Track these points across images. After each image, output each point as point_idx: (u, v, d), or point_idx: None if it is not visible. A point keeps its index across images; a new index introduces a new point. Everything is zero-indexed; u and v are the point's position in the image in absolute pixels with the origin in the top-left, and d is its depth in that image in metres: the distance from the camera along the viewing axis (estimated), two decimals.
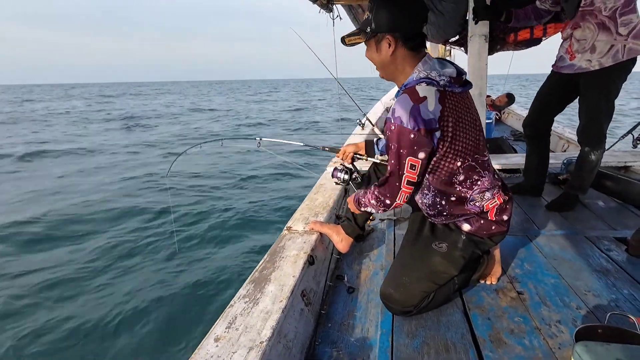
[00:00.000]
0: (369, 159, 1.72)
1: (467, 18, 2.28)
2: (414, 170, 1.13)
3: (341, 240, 1.59)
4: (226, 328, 1.04)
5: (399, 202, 1.23)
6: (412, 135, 1.07)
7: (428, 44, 7.37)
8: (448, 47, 8.05)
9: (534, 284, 1.38)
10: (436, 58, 1.19)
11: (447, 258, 1.25)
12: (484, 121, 2.43)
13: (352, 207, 1.50)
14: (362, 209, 1.41)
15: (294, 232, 1.66)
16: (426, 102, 1.06)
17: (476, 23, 2.13)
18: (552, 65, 2.00)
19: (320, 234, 1.64)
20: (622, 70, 1.75)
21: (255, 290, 1.22)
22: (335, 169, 1.70)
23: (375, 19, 1.13)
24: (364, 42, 1.23)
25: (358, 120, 3.67)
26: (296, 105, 25.00)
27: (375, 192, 1.27)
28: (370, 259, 1.72)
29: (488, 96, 5.19)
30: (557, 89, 2.00)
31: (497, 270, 1.42)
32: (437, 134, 1.10)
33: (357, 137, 3.41)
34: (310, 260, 1.44)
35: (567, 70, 1.88)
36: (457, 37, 2.73)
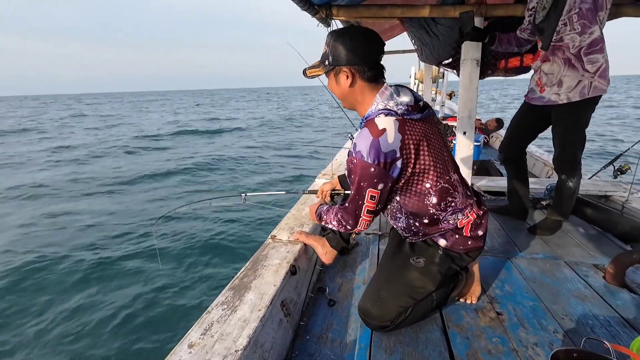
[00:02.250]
0: (345, 192, 1.84)
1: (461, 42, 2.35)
2: (374, 200, 1.18)
3: (326, 253, 1.58)
4: (201, 335, 1.01)
5: (359, 228, 1.27)
6: (372, 169, 1.11)
7: (422, 64, 7.58)
8: (442, 69, 8.26)
9: (513, 306, 1.39)
10: (394, 86, 1.23)
11: (424, 273, 1.25)
12: (472, 142, 2.47)
13: (311, 216, 1.55)
14: (322, 223, 1.46)
15: (278, 241, 1.64)
16: (385, 135, 1.09)
17: (462, 42, 2.20)
18: (525, 96, 2.09)
19: (305, 244, 1.63)
20: (589, 104, 1.82)
21: (234, 297, 1.20)
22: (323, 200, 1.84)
23: (333, 52, 1.16)
24: (324, 74, 1.26)
25: (349, 135, 3.70)
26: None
27: (338, 215, 1.32)
28: (353, 272, 1.71)
29: (478, 119, 5.31)
30: (528, 119, 2.09)
31: (476, 289, 1.43)
32: (399, 163, 1.12)
33: (346, 150, 3.44)
34: (293, 270, 1.43)
35: (538, 102, 1.96)
36: (450, 59, 2.80)
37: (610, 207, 2.39)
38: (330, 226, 1.40)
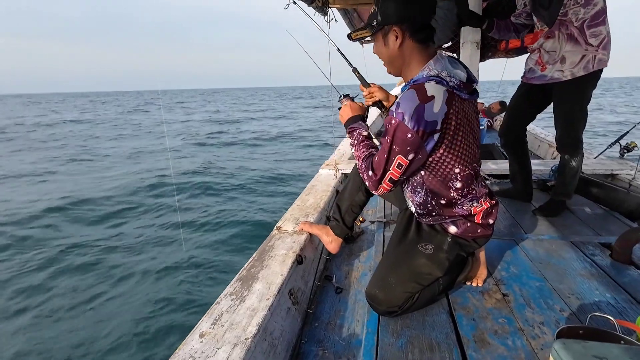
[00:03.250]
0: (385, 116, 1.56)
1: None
2: (400, 169, 1.13)
3: (331, 241, 1.59)
4: (211, 324, 1.04)
5: (377, 192, 1.22)
6: (409, 135, 1.05)
7: None
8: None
9: (519, 287, 1.40)
10: (448, 57, 1.17)
11: (432, 260, 1.25)
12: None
13: (342, 116, 1.40)
14: (348, 137, 1.35)
15: (284, 232, 1.66)
16: (432, 102, 1.03)
17: (459, 28, 2.17)
18: (522, 77, 2.06)
19: (310, 234, 1.64)
20: (593, 78, 1.80)
21: (242, 287, 1.22)
22: (348, 96, 1.49)
23: (382, 11, 1.11)
24: (369, 37, 1.21)
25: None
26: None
27: (364, 165, 1.24)
28: (359, 260, 1.73)
29: (480, 103, 5.26)
30: (527, 100, 2.07)
31: (482, 272, 1.44)
32: (436, 136, 1.07)
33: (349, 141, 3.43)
34: (299, 260, 1.45)
35: (538, 81, 1.93)
36: (450, 43, 2.77)
37: (617, 185, 2.37)
38: (353, 152, 1.32)
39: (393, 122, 1.08)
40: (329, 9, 2.34)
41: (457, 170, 1.15)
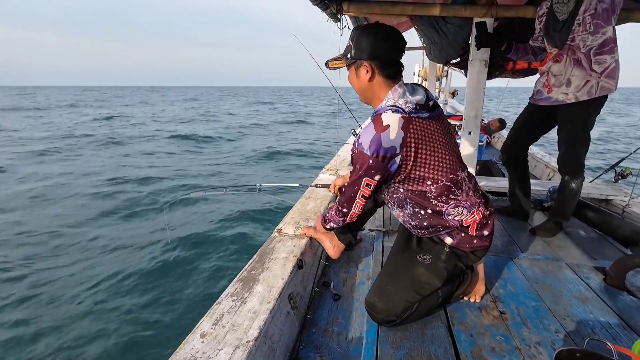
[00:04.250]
0: None
1: (470, 42, 2.35)
2: (369, 187, 1.26)
3: (333, 247, 1.60)
4: (213, 325, 1.03)
5: (354, 211, 1.37)
6: (370, 161, 1.17)
7: (427, 62, 7.55)
8: (446, 68, 8.23)
9: (516, 305, 1.41)
10: (410, 84, 1.28)
11: (430, 269, 1.28)
12: (476, 142, 2.49)
13: (318, 225, 1.61)
14: (327, 225, 1.53)
15: (284, 235, 1.66)
16: (388, 131, 1.14)
17: (478, 49, 2.20)
18: (530, 98, 2.11)
19: (310, 239, 1.64)
20: (596, 104, 1.85)
21: (243, 289, 1.21)
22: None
23: (356, 46, 1.21)
24: (346, 67, 1.31)
25: (352, 130, 3.72)
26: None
27: (337, 203, 1.42)
28: (357, 268, 1.73)
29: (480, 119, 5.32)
30: (533, 120, 2.11)
31: (480, 288, 1.45)
32: (397, 159, 1.18)
33: (350, 146, 3.44)
34: (299, 264, 1.45)
35: (545, 103, 1.97)
36: (458, 59, 2.80)
37: (611, 210, 2.42)
38: (331, 223, 1.51)
39: (356, 151, 1.21)
40: (343, 16, 2.36)
41: (429, 183, 1.23)
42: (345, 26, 2.36)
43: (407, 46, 1.27)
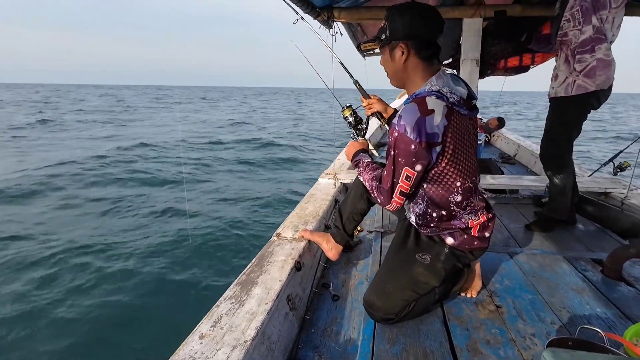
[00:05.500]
0: (385, 126, 1.67)
1: (460, 42, 2.39)
2: (409, 181, 1.16)
3: (331, 249, 1.62)
4: (211, 327, 1.06)
5: (390, 208, 1.26)
6: (412, 146, 1.09)
7: None
8: None
9: (512, 299, 1.43)
10: (450, 74, 1.21)
11: (429, 269, 1.28)
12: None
13: (348, 154, 1.50)
14: (355, 169, 1.43)
15: (283, 239, 1.69)
16: (433, 115, 1.07)
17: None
18: None
19: (309, 241, 1.67)
20: (574, 102, 1.83)
21: (241, 292, 1.24)
22: (350, 107, 1.64)
23: (391, 26, 1.16)
24: (378, 49, 1.26)
25: (352, 135, 3.75)
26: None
27: (374, 185, 1.29)
28: (356, 269, 1.76)
29: (479, 119, 5.33)
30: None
31: (477, 284, 1.47)
32: (438, 148, 1.11)
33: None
34: (298, 267, 1.48)
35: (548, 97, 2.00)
36: (450, 59, 2.84)
37: (610, 204, 2.42)
38: (361, 179, 1.39)
39: (396, 134, 1.12)
40: (335, 22, 2.41)
41: (458, 184, 1.19)
42: (337, 32, 2.41)
43: None
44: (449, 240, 1.29)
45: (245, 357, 0.95)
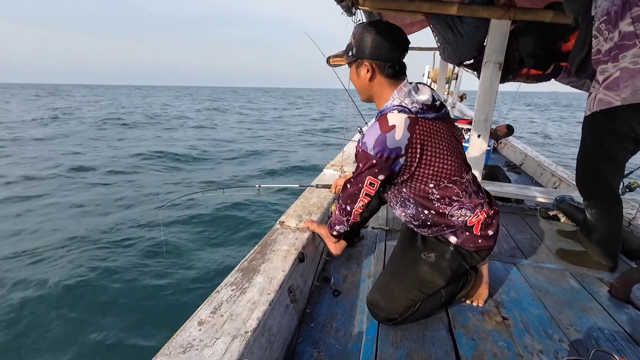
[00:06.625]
0: None
1: (485, 44, 2.31)
2: (373, 187, 1.23)
3: (335, 243, 1.58)
4: (211, 313, 1.01)
5: (357, 209, 1.31)
6: (374, 161, 1.15)
7: (438, 61, 7.48)
8: (456, 71, 8.16)
9: (519, 312, 1.39)
10: (414, 83, 1.25)
11: (434, 268, 1.27)
12: (484, 146, 2.45)
13: (327, 234, 1.54)
14: (334, 231, 1.47)
15: (286, 228, 1.63)
16: (394, 131, 1.11)
17: (484, 47, 2.13)
18: None
19: (313, 233, 1.62)
20: (597, 120, 1.60)
21: (243, 279, 1.19)
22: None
23: (358, 44, 1.18)
24: (347, 65, 1.27)
25: (359, 128, 3.69)
26: None
27: (340, 201, 1.36)
28: (358, 265, 1.71)
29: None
30: None
31: (483, 291, 1.43)
32: (402, 160, 1.16)
33: (354, 143, 3.42)
34: (301, 258, 1.42)
35: None
36: (472, 60, 2.76)
37: None
38: (337, 226, 1.43)
39: (360, 150, 1.18)
40: (357, 9, 2.32)
41: (431, 185, 1.21)
42: (359, 20, 2.32)
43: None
44: (453, 239, 1.29)
45: (246, 349, 0.90)
